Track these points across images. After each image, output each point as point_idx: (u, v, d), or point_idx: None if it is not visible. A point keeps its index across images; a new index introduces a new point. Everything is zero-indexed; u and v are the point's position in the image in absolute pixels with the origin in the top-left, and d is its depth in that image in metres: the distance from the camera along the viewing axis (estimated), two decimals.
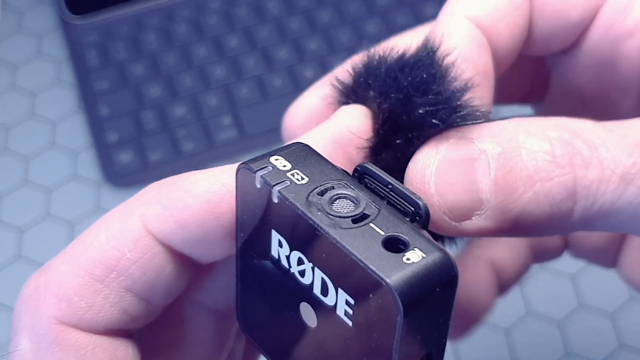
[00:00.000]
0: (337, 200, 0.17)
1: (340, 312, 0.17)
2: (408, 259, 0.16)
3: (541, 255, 0.30)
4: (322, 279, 0.17)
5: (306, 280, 0.18)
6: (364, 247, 0.16)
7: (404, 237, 0.16)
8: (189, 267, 0.21)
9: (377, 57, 0.22)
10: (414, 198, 0.18)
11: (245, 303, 0.21)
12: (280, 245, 0.18)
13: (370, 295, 0.16)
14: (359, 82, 0.22)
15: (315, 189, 0.17)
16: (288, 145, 0.19)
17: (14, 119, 0.55)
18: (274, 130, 0.52)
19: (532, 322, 0.47)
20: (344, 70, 0.23)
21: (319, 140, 0.21)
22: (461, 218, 0.19)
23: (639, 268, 0.28)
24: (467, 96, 0.20)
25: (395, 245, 0.16)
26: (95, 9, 0.57)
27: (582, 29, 0.24)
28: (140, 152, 0.52)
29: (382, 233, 0.16)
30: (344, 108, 0.21)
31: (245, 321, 0.22)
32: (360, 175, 0.19)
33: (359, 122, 0.21)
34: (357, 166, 0.19)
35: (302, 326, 0.19)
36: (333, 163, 0.19)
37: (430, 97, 0.20)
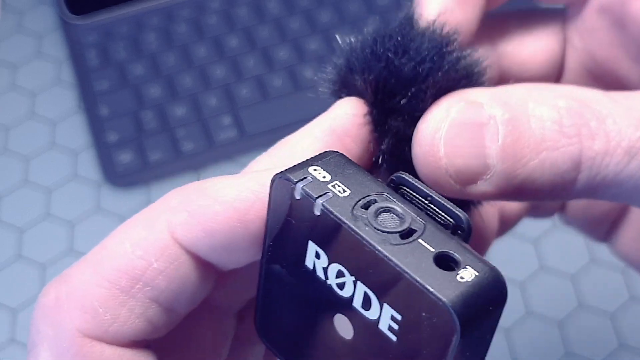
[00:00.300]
0: (382, 214, 0.17)
1: (383, 326, 0.17)
2: (462, 278, 0.15)
3: (535, 210, 0.29)
4: (365, 293, 0.17)
5: (345, 293, 0.17)
6: (416, 264, 0.16)
7: (455, 254, 0.16)
8: (212, 274, 0.21)
9: (354, 42, 0.21)
10: (456, 212, 0.17)
11: (266, 310, 0.21)
12: (318, 256, 0.18)
13: (423, 314, 0.15)
14: (344, 72, 0.22)
15: (359, 201, 0.17)
16: (323, 154, 0.18)
17: (14, 119, 0.55)
18: (274, 130, 0.52)
19: (532, 322, 0.47)
20: (330, 68, 0.22)
21: (317, 132, 0.20)
22: (467, 182, 0.19)
23: (635, 244, 0.28)
24: (452, 45, 0.20)
25: (446, 262, 0.16)
26: (95, 9, 0.57)
27: None
28: (140, 152, 0.52)
29: (432, 250, 0.16)
30: (339, 101, 0.22)
31: (264, 328, 0.21)
32: (396, 186, 0.19)
33: (354, 109, 0.21)
34: (393, 176, 0.19)
35: (335, 337, 0.18)
36: (370, 174, 0.18)
37: (411, 53, 0.20)
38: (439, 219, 0.18)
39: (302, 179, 0.17)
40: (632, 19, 0.23)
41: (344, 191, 0.17)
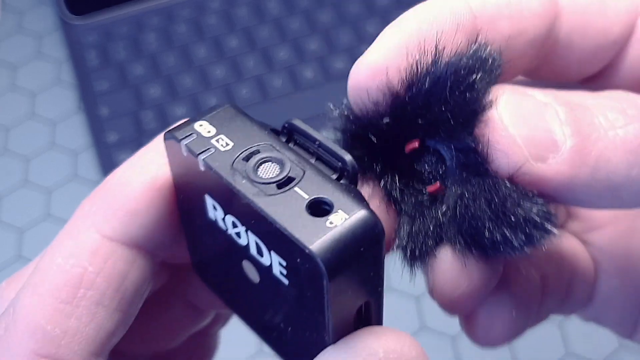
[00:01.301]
0: (262, 165, 0.17)
1: (276, 271, 0.17)
2: (331, 223, 0.16)
3: (562, 303, 0.26)
4: (256, 241, 0.17)
5: (242, 242, 0.18)
6: (287, 213, 0.16)
7: (328, 198, 0.16)
8: (157, 263, 0.21)
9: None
10: (340, 154, 0.18)
11: (195, 255, 0.22)
12: (215, 208, 0.18)
13: (298, 260, 0.16)
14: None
15: (240, 154, 0.17)
16: (214, 107, 0.19)
17: (14, 120, 0.55)
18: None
19: None
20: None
21: None
22: (537, 156, 0.18)
23: None
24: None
25: (319, 208, 0.16)
26: (95, 9, 0.57)
27: (622, 45, 0.22)
28: None
29: (307, 197, 0.16)
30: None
31: (199, 269, 0.22)
32: (289, 133, 0.19)
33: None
34: (285, 123, 0.19)
35: (247, 280, 0.19)
36: (261, 123, 0.18)
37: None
38: (328, 163, 0.18)
39: (187, 136, 0.18)
40: None
41: (227, 145, 0.18)
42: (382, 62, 0.19)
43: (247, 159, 0.17)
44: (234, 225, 0.18)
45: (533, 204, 0.18)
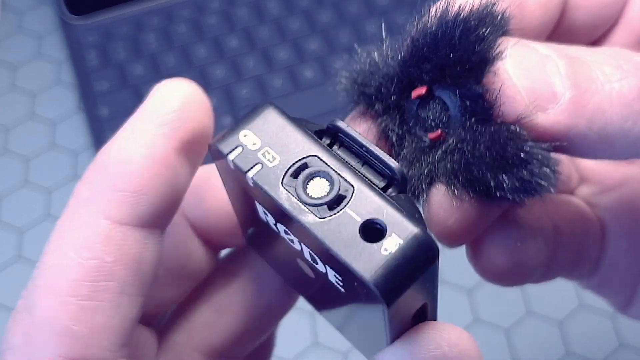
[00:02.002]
0: (311, 182, 0.17)
1: (331, 279, 0.17)
2: (386, 250, 0.16)
3: (572, 267, 0.27)
4: (310, 252, 0.17)
5: (296, 247, 0.18)
6: (342, 239, 0.16)
7: (380, 219, 0.16)
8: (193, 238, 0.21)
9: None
10: (389, 162, 0.18)
11: (246, 232, 0.22)
12: (266, 214, 0.18)
13: (355, 283, 0.16)
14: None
15: (288, 170, 0.17)
16: (255, 109, 0.18)
17: (14, 120, 0.55)
18: None
19: (532, 322, 0.47)
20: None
21: None
22: (538, 106, 0.19)
23: None
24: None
25: (372, 231, 0.16)
26: (95, 9, 0.57)
27: (623, 3, 0.24)
28: None
29: (359, 219, 0.16)
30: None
31: (253, 243, 0.22)
32: (333, 135, 0.19)
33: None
34: (329, 124, 0.19)
35: (302, 271, 0.19)
36: (303, 125, 0.18)
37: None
38: (375, 167, 0.18)
39: (233, 150, 0.18)
40: None
41: (274, 159, 0.17)
42: None
43: (295, 175, 0.17)
44: (287, 233, 0.18)
45: (533, 150, 0.19)
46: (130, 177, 0.18)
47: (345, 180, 0.17)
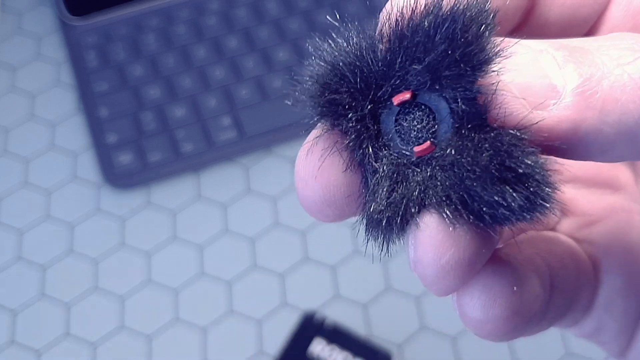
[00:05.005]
0: None
1: None
2: None
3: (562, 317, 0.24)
4: None
5: None
6: None
7: None
8: None
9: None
10: None
11: None
12: None
13: None
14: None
15: None
16: None
17: (14, 121, 0.55)
18: (274, 131, 0.52)
19: None
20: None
21: None
22: (537, 105, 0.17)
23: None
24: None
25: None
26: (94, 10, 0.57)
27: (604, 4, 0.21)
28: (140, 153, 0.52)
29: None
30: None
31: None
32: None
33: None
34: None
35: None
36: None
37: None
38: None
39: None
40: None
41: None
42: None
43: None
44: None
45: (536, 161, 0.16)
46: None
47: None
